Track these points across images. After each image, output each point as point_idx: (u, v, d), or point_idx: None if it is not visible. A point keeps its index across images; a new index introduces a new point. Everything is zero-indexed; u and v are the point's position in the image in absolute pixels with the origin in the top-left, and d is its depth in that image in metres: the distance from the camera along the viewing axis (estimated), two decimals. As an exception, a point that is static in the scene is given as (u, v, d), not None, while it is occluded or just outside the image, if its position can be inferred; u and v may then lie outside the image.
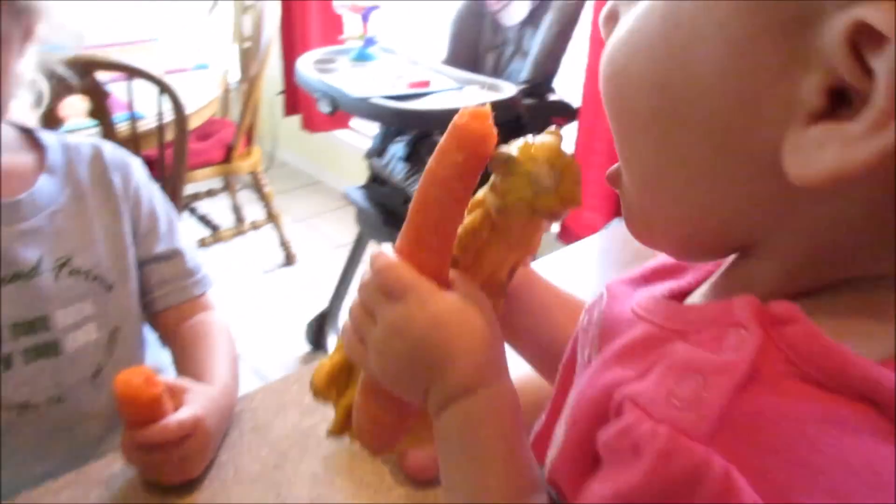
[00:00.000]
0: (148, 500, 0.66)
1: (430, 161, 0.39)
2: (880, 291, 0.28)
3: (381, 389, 0.40)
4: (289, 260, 2.62)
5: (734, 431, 0.25)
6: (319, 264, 2.61)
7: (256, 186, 2.51)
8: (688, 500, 0.24)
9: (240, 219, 2.67)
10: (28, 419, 0.78)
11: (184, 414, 0.66)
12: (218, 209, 2.67)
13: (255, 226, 2.55)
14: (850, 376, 0.25)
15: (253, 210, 2.64)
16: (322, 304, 2.16)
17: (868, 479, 0.23)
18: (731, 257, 0.33)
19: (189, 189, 2.31)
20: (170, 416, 0.66)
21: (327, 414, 0.77)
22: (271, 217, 2.55)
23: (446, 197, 0.38)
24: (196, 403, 0.69)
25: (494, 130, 0.38)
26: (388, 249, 0.40)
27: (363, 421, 0.42)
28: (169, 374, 0.88)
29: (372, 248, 2.04)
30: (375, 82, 1.84)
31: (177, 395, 0.69)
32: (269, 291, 2.48)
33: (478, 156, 0.38)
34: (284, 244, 2.60)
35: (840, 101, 0.24)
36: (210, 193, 2.58)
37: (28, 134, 0.83)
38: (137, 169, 0.89)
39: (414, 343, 0.37)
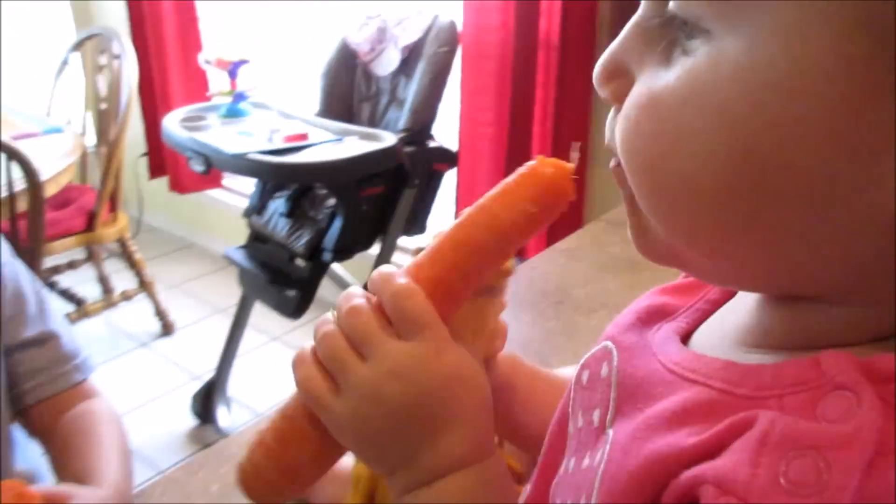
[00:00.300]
0: None
1: (492, 202, 0.34)
2: None
3: (313, 441, 0.35)
4: (166, 330, 2.46)
5: None
6: (200, 332, 2.46)
7: (125, 254, 2.35)
8: None
9: (108, 290, 2.48)
10: None
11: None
12: (82, 281, 2.47)
13: (126, 296, 2.38)
14: None
15: (122, 279, 2.46)
16: (207, 374, 2.03)
17: None
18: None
19: (48, 262, 2.13)
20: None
21: (242, 499, 0.70)
22: (143, 285, 2.39)
23: (499, 245, 0.35)
24: (84, 512, 0.60)
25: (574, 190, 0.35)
26: (401, 274, 0.34)
27: (268, 469, 0.36)
28: (47, 481, 0.77)
29: (260, 308, 1.95)
30: (250, 138, 1.78)
31: (59, 506, 0.60)
32: (146, 365, 2.30)
33: (552, 213, 0.35)
34: (160, 313, 2.44)
35: None
36: (72, 265, 2.38)
37: None
38: (-4, 247, 0.79)
39: (419, 393, 0.32)
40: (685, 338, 0.33)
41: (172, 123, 1.88)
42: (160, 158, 2.65)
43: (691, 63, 0.26)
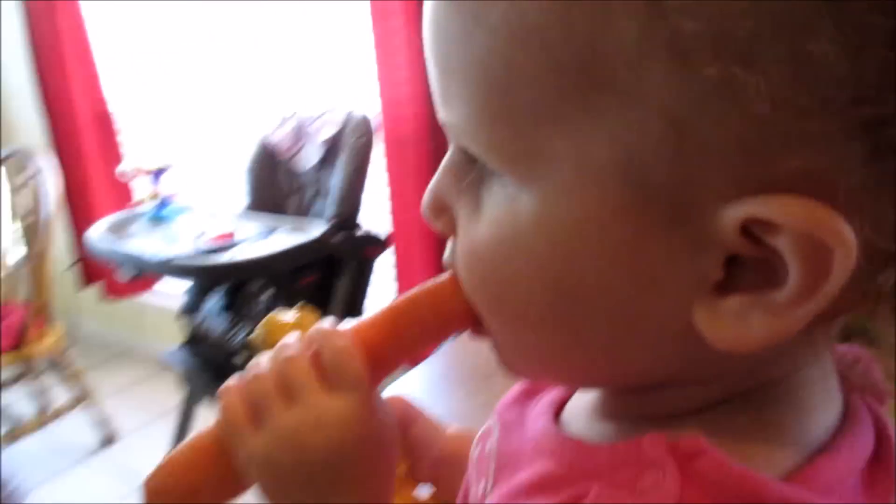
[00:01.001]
0: None
1: (441, 287, 0.36)
2: (769, 402, 0.30)
3: (219, 467, 0.36)
4: (109, 439, 2.40)
5: None
6: (145, 438, 2.41)
7: (61, 366, 2.30)
8: None
9: (43, 405, 2.41)
10: None
11: None
12: (17, 399, 2.40)
13: (65, 409, 2.32)
14: (767, 500, 0.26)
15: (62, 392, 2.40)
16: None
17: None
18: None
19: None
20: None
21: None
22: (83, 396, 2.34)
23: (438, 327, 0.36)
24: None
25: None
26: (343, 335, 0.36)
27: (170, 487, 0.36)
28: None
29: (203, 409, 1.93)
30: (178, 241, 1.81)
31: None
32: (89, 479, 2.23)
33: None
34: (102, 422, 2.38)
35: (733, 262, 0.25)
36: (4, 385, 2.32)
37: None
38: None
39: (337, 448, 0.34)
40: (562, 405, 0.37)
41: (97, 233, 1.90)
42: (90, 267, 2.63)
43: (494, 212, 0.30)
